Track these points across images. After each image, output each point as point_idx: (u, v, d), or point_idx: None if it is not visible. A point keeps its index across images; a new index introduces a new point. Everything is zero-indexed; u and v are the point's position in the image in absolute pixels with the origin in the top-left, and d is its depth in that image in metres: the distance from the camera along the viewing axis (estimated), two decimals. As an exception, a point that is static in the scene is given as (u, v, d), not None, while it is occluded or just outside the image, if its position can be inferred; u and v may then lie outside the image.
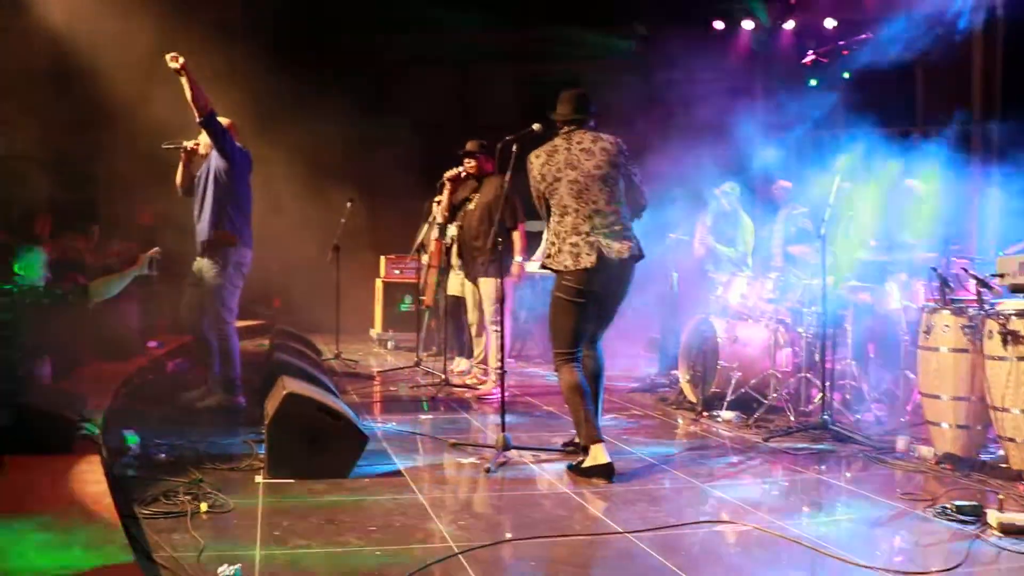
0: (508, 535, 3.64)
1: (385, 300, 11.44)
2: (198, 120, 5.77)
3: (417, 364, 8.99)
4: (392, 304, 11.39)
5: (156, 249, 6.21)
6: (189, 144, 6.15)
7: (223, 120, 5.98)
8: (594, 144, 4.84)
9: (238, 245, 6.12)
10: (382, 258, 11.56)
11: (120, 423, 5.15)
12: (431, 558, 3.29)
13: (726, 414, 6.20)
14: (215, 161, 6.06)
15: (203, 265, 6.13)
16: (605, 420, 6.18)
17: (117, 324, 8.41)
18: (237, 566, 3.06)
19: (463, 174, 7.55)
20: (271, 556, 3.30)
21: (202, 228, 6.13)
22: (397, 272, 11.40)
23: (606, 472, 4.59)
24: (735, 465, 5.08)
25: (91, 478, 3.61)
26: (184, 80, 5.57)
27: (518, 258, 7.32)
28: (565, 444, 5.22)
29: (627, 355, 9.77)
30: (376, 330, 11.52)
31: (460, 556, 3.34)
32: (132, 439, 4.74)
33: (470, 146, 7.50)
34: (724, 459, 5.21)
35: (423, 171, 9.47)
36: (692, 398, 6.66)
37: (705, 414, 6.32)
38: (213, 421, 5.78)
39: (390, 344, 11.13)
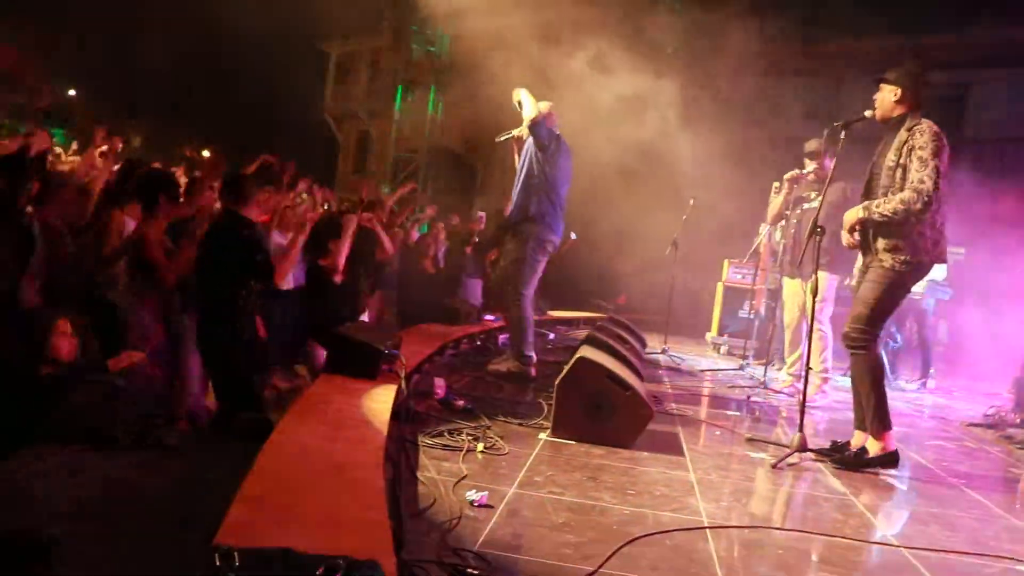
0: (767, 522, 3.49)
1: (724, 304, 11.26)
2: (527, 124, 6.38)
3: (742, 368, 8.81)
4: (731, 309, 11.19)
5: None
6: (516, 132, 6.65)
7: (544, 104, 6.41)
8: None
9: (541, 225, 6.41)
10: (726, 262, 11.39)
11: (434, 372, 5.65)
12: (677, 527, 3.25)
13: (1078, 460, 5.35)
14: (530, 147, 6.48)
15: (508, 241, 6.53)
16: (928, 446, 5.70)
17: (460, 296, 9.25)
18: (484, 493, 3.26)
19: (810, 176, 7.24)
20: (521, 495, 3.46)
21: (511, 207, 6.55)
22: (739, 277, 11.17)
23: (895, 460, 4.59)
24: (1072, 511, 4.37)
25: (380, 399, 4.03)
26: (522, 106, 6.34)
27: None
28: (837, 446, 4.91)
29: (985, 390, 8.81)
30: (712, 333, 11.39)
31: (707, 530, 3.27)
32: (439, 384, 5.17)
33: (812, 146, 7.16)
34: (1060, 504, 4.50)
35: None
36: (1041, 438, 5.83)
37: (1052, 456, 5.49)
38: (513, 384, 6.13)
39: (723, 349, 10.94)
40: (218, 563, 1.63)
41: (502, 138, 6.82)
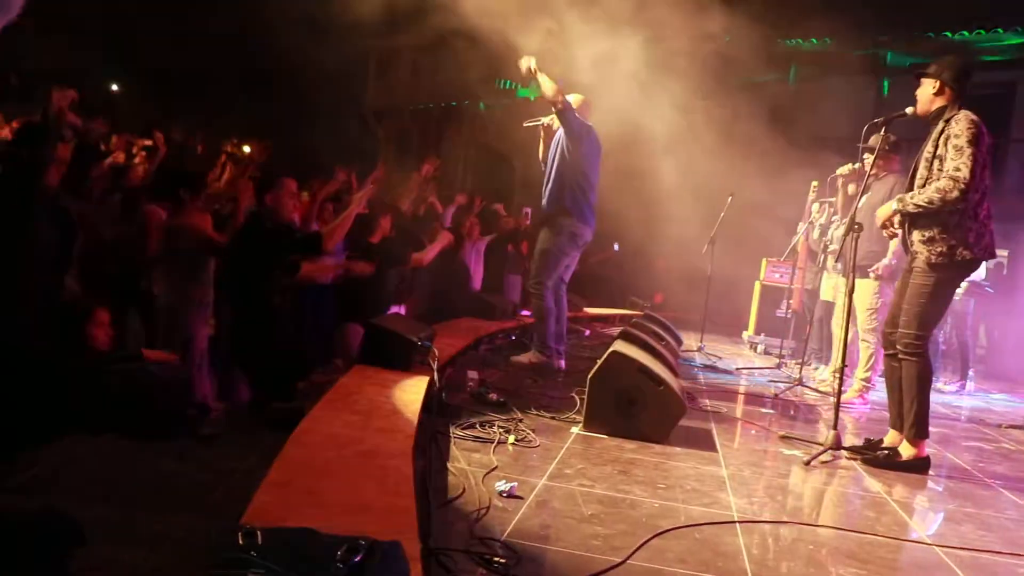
0: (798, 519, 3.45)
1: (761, 303, 11.16)
2: (554, 109, 6.26)
3: (778, 367, 8.72)
4: (768, 308, 11.08)
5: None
6: (545, 120, 6.61)
7: (577, 97, 6.35)
8: None
9: (574, 218, 6.39)
10: (764, 260, 11.28)
11: (467, 364, 5.67)
12: (707, 520, 3.23)
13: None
14: (561, 138, 6.43)
15: (542, 232, 6.52)
16: (965, 447, 5.62)
17: (497, 292, 9.26)
18: (513, 484, 3.26)
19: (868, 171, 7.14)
20: (551, 487, 3.46)
21: (545, 200, 6.51)
22: (777, 276, 11.05)
23: (926, 466, 4.52)
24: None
25: (412, 390, 4.05)
26: (535, 81, 6.10)
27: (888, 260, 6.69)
28: (871, 444, 4.84)
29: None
30: (748, 332, 11.29)
31: (737, 524, 3.24)
32: (472, 378, 5.19)
33: (873, 142, 7.04)
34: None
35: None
36: (1085, 440, 5.70)
37: (1097, 460, 5.36)
38: (537, 375, 6.13)
39: (760, 348, 10.84)
40: (241, 541, 1.65)
41: (530, 124, 6.80)
